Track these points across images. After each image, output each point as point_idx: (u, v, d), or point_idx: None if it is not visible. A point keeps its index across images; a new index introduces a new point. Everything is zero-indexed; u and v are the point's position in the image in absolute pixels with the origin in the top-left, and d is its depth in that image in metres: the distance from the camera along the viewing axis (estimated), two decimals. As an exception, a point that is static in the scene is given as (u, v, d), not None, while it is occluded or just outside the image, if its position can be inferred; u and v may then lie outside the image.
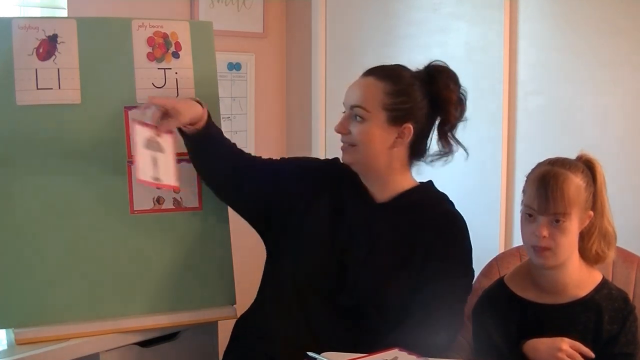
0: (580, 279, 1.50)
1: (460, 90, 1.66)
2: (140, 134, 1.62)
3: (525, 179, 1.51)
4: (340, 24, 2.73)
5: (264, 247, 1.78)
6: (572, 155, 1.53)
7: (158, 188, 1.71)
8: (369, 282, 1.58)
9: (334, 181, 1.70)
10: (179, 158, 1.77)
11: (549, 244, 1.44)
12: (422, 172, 1.70)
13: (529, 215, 1.47)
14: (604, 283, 1.51)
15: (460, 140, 1.66)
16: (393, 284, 1.58)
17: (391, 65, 1.66)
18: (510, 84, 2.27)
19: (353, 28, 2.68)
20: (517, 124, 2.27)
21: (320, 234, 1.64)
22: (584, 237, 1.50)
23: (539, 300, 1.51)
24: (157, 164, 1.63)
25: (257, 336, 1.67)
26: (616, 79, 2.05)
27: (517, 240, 2.20)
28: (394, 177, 1.64)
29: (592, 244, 1.50)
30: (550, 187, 1.43)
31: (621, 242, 1.61)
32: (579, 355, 1.42)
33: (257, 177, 1.73)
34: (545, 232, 1.44)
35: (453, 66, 2.12)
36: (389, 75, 1.61)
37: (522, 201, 1.50)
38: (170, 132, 1.67)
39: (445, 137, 1.66)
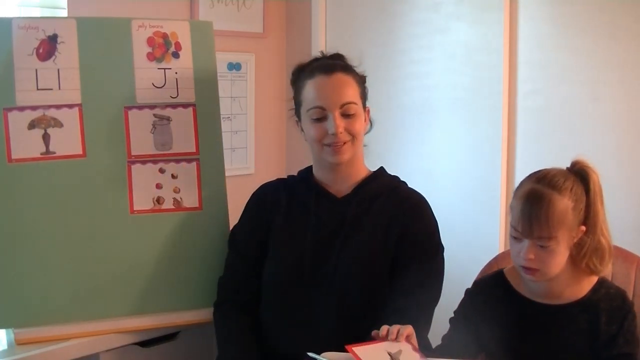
0: (575, 283, 1.47)
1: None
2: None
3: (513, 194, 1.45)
4: (340, 24, 2.73)
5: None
6: (571, 155, 1.49)
7: None
8: (350, 264, 1.61)
9: (286, 196, 1.72)
10: (181, 158, 1.77)
11: (536, 265, 1.40)
12: (421, 172, 1.69)
13: (514, 237, 1.43)
14: (601, 282, 1.48)
15: (461, 140, 1.65)
16: (373, 264, 1.61)
17: (334, 55, 1.74)
18: (510, 84, 2.26)
19: (353, 28, 2.68)
20: (517, 123, 2.26)
21: (291, 235, 1.67)
22: (575, 250, 1.44)
23: (536, 298, 1.48)
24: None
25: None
26: (615, 79, 2.05)
27: (517, 240, 2.20)
28: (357, 166, 1.70)
29: (582, 258, 1.45)
30: (533, 212, 1.37)
31: (621, 242, 1.61)
32: None
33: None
34: (531, 255, 1.39)
35: (453, 66, 2.10)
36: (349, 66, 1.69)
37: (510, 219, 1.45)
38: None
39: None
